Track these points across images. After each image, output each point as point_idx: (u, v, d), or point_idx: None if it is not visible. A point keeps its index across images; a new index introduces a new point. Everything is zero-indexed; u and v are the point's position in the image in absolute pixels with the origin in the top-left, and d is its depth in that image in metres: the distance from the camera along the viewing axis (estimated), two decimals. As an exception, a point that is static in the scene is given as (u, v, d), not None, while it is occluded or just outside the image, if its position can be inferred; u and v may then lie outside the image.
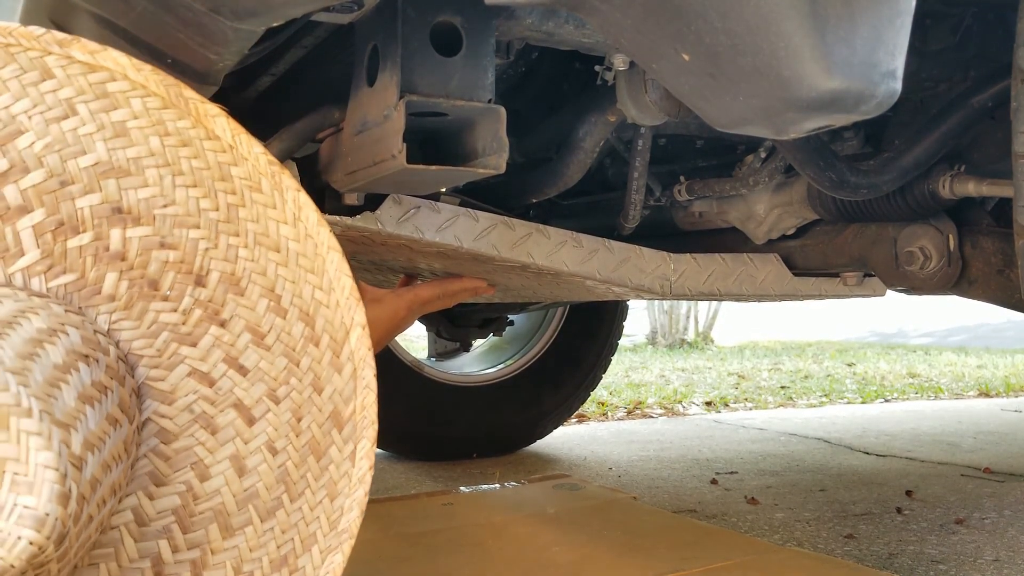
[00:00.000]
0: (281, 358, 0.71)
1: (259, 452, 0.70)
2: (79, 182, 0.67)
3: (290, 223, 0.71)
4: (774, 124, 0.63)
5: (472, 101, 0.86)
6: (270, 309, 0.71)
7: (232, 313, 0.70)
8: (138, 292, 0.68)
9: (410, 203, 1.11)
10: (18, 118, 0.66)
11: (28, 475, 0.54)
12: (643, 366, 6.10)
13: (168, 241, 0.69)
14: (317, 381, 0.71)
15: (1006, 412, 3.68)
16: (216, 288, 0.70)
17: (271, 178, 0.70)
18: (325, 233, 0.71)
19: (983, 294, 1.19)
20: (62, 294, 0.67)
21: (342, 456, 0.71)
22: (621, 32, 0.64)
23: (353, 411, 0.71)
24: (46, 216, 0.66)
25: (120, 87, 0.68)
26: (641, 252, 1.27)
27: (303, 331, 0.71)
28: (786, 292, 1.38)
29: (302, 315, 0.71)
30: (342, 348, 0.71)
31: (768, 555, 1.46)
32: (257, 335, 0.70)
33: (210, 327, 0.70)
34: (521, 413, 2.65)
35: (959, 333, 9.78)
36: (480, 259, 1.19)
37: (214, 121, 0.70)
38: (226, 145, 0.70)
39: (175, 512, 0.68)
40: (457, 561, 1.45)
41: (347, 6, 0.83)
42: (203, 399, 0.69)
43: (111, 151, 0.67)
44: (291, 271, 0.71)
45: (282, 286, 0.71)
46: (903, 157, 1.13)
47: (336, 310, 0.71)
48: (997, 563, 1.58)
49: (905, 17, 0.60)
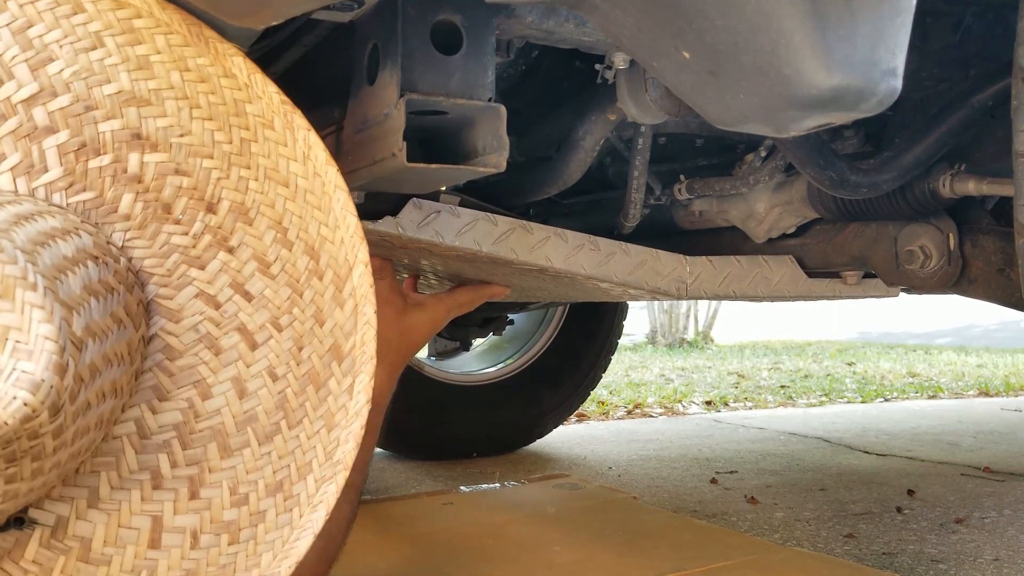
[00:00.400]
0: (285, 288, 0.73)
1: (260, 376, 0.72)
2: (102, 108, 0.70)
3: (299, 160, 0.74)
4: (774, 122, 0.63)
5: (472, 99, 0.86)
6: (276, 240, 0.74)
7: (240, 241, 0.73)
8: (152, 214, 0.71)
9: (430, 208, 1.12)
10: (50, 46, 0.70)
11: (28, 344, 0.56)
12: (643, 365, 6.10)
13: (183, 168, 0.72)
14: (319, 313, 0.74)
15: (1006, 411, 3.68)
16: (226, 216, 0.73)
17: (283, 117, 0.74)
18: (333, 172, 0.74)
19: (983, 293, 1.19)
20: (80, 210, 0.70)
21: (340, 389, 0.73)
22: (621, 30, 0.64)
23: (353, 346, 0.74)
24: (70, 137, 0.70)
25: (145, 23, 0.72)
26: (657, 255, 1.27)
27: (307, 264, 0.74)
28: (800, 293, 1.39)
29: (307, 249, 0.74)
30: (344, 284, 0.74)
31: (768, 555, 1.46)
32: (263, 264, 0.73)
33: (219, 252, 0.72)
34: (521, 412, 2.65)
35: (960, 333, 9.78)
36: (498, 263, 1.19)
37: (231, 60, 0.73)
38: (242, 83, 0.73)
39: (176, 428, 0.70)
40: (457, 561, 1.45)
41: (347, 5, 0.83)
42: (208, 320, 0.72)
43: (134, 81, 0.71)
44: (298, 206, 0.74)
45: (289, 219, 0.74)
46: (903, 156, 1.12)
47: (340, 247, 0.74)
48: (997, 562, 1.58)
49: (906, 15, 0.60)
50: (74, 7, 0.71)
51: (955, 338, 9.27)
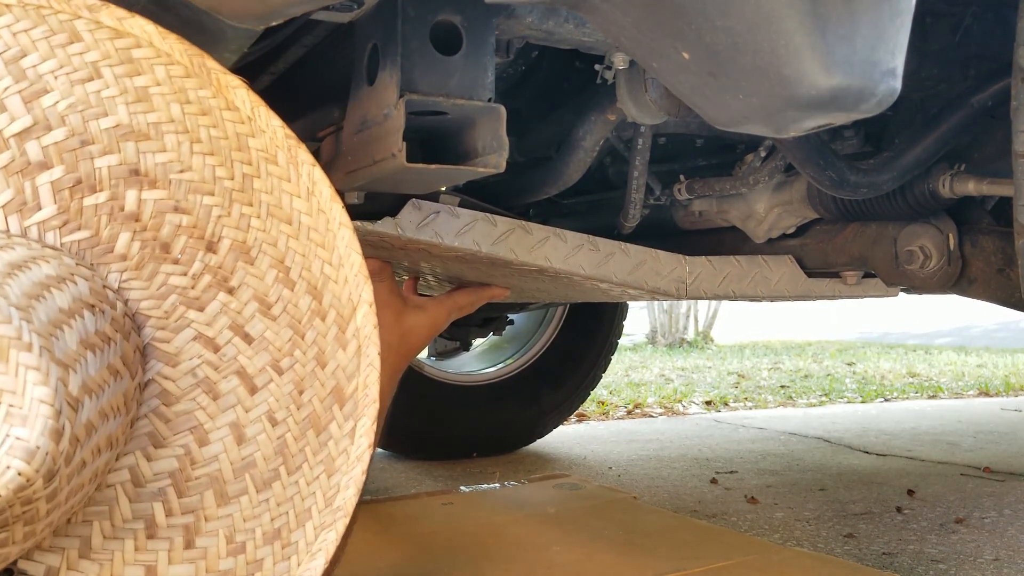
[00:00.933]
0: (287, 329, 0.71)
1: (259, 421, 0.70)
2: (99, 142, 0.68)
3: (303, 197, 0.72)
4: (774, 122, 0.63)
5: (472, 100, 0.86)
6: (278, 280, 0.72)
7: (241, 281, 0.71)
8: (150, 253, 0.69)
9: (430, 208, 1.12)
10: (44, 77, 0.67)
11: (23, 408, 0.54)
12: (643, 365, 6.10)
13: (182, 206, 0.70)
14: (321, 355, 0.72)
15: (1006, 411, 3.68)
16: (227, 255, 0.71)
17: (287, 151, 0.72)
18: (337, 209, 0.72)
19: (983, 293, 1.19)
20: (75, 250, 0.68)
21: (342, 433, 0.71)
22: (621, 31, 0.64)
23: (356, 388, 0.72)
24: (65, 173, 0.67)
25: (145, 54, 0.70)
26: (657, 255, 1.27)
27: (310, 304, 0.72)
28: (800, 293, 1.39)
29: (310, 288, 0.72)
30: (348, 324, 0.72)
31: (769, 555, 1.46)
32: (264, 305, 0.71)
33: (218, 293, 0.70)
34: (521, 412, 2.66)
35: (960, 333, 9.78)
36: (498, 263, 1.19)
37: (234, 92, 0.71)
38: (245, 116, 0.71)
39: (172, 475, 0.68)
40: (457, 561, 1.45)
41: (347, 5, 0.83)
42: (207, 364, 0.70)
43: (132, 115, 0.69)
44: (302, 244, 0.72)
45: (292, 258, 0.72)
46: (903, 156, 1.13)
47: (344, 286, 0.72)
48: (997, 562, 1.58)
49: (905, 16, 0.60)
50: (70, 36, 0.68)
51: (955, 338, 9.27)
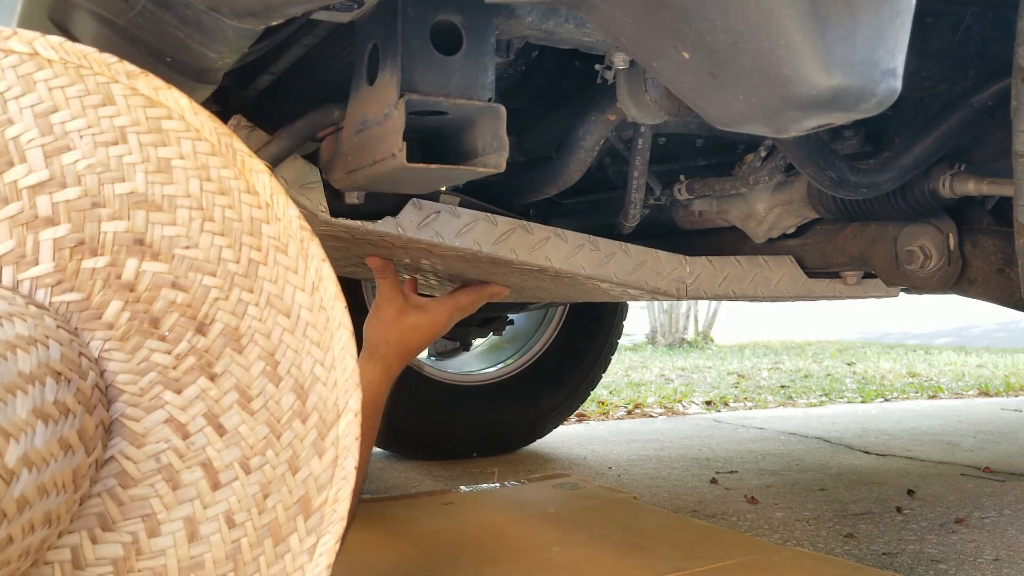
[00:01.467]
0: (263, 426, 0.68)
1: (216, 520, 0.66)
2: (110, 207, 0.67)
3: (307, 291, 0.70)
4: (774, 122, 0.63)
5: (472, 100, 0.86)
6: (265, 373, 0.69)
7: (225, 368, 0.68)
8: (137, 326, 0.67)
9: (430, 208, 1.12)
10: (70, 135, 0.67)
11: None
12: (643, 365, 6.10)
13: (180, 282, 0.68)
14: (295, 460, 0.68)
15: (1006, 411, 3.68)
16: (216, 339, 0.68)
17: (299, 242, 0.70)
18: (340, 308, 0.69)
19: (983, 293, 1.19)
20: (63, 311, 0.66)
21: (301, 548, 0.67)
22: (621, 30, 0.64)
23: (325, 501, 0.68)
24: (69, 232, 0.66)
25: (174, 126, 0.69)
26: (657, 255, 1.27)
27: (293, 404, 0.69)
28: (800, 294, 1.39)
29: (296, 387, 0.69)
30: (329, 431, 0.69)
31: (769, 554, 1.46)
32: (245, 397, 0.68)
33: (199, 377, 0.67)
34: (521, 412, 2.66)
35: (960, 333, 9.78)
36: (498, 263, 1.19)
37: (257, 176, 0.70)
38: (263, 202, 0.70)
39: (114, 563, 0.65)
40: (457, 561, 1.45)
41: (347, 5, 0.83)
42: (173, 450, 0.66)
43: (149, 184, 0.68)
44: (296, 339, 0.69)
45: (283, 352, 0.69)
46: (903, 156, 1.13)
47: (332, 389, 0.69)
48: (997, 562, 1.58)
49: (905, 16, 0.60)
50: (104, 98, 0.68)
51: (955, 338, 9.27)
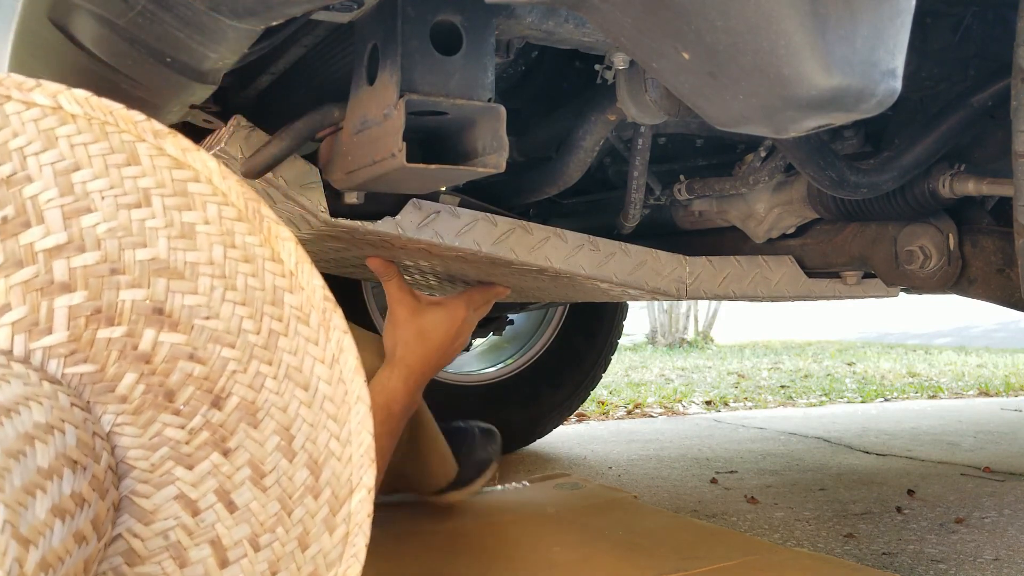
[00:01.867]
0: (275, 503, 0.66)
1: None
2: (130, 274, 0.65)
3: (327, 364, 0.67)
4: (774, 123, 0.63)
5: (472, 100, 0.86)
6: (279, 448, 0.67)
7: (239, 444, 0.66)
8: (152, 400, 0.64)
9: (430, 208, 1.12)
10: (91, 195, 0.64)
11: None
12: (643, 365, 6.10)
13: (199, 355, 0.65)
14: (305, 537, 0.66)
15: (1006, 411, 3.68)
16: (231, 414, 0.66)
17: (322, 313, 0.67)
18: (359, 382, 0.67)
19: (983, 293, 1.19)
20: (75, 383, 0.63)
21: None
22: (621, 31, 0.64)
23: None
24: (86, 300, 0.63)
25: (201, 189, 0.66)
26: (657, 255, 1.27)
27: (306, 479, 0.67)
28: (800, 293, 1.39)
29: (310, 462, 0.67)
30: (341, 507, 0.67)
31: (769, 554, 1.46)
32: (258, 473, 0.66)
33: (212, 453, 0.65)
34: (521, 412, 2.65)
35: (960, 333, 9.78)
36: (498, 263, 1.19)
37: (283, 244, 0.67)
38: (287, 270, 0.67)
39: None
40: (457, 561, 1.45)
41: (346, 5, 0.83)
42: (181, 527, 0.64)
43: (172, 250, 0.65)
44: (313, 413, 0.67)
45: (299, 427, 0.67)
46: (903, 156, 1.13)
47: (347, 465, 0.67)
48: (997, 562, 1.58)
49: (905, 16, 0.60)
50: (129, 158, 0.65)
51: (955, 338, 9.27)
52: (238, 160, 1.03)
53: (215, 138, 1.07)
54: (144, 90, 0.91)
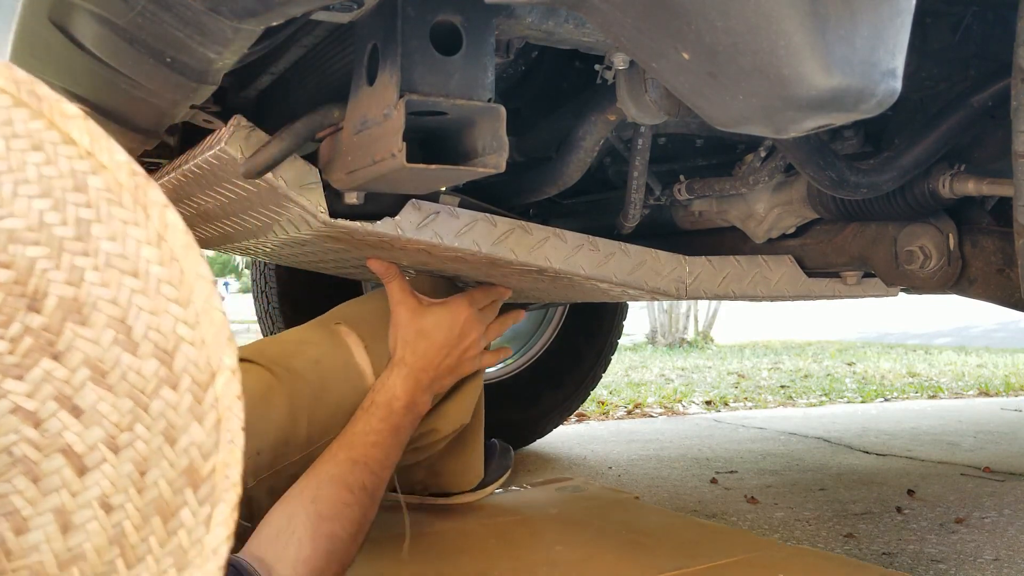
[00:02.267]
0: (126, 400, 0.61)
1: (89, 507, 0.60)
2: None
3: (154, 244, 0.62)
4: (774, 123, 0.63)
5: (472, 100, 0.86)
6: (117, 343, 0.62)
7: (69, 344, 0.61)
8: None
9: (429, 208, 1.12)
10: None
11: None
12: (643, 365, 6.11)
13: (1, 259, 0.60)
14: (171, 430, 0.62)
15: (1006, 411, 3.68)
16: (53, 315, 0.61)
17: (134, 191, 0.61)
18: (194, 257, 0.62)
19: (983, 293, 1.19)
20: None
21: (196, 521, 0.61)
22: (621, 31, 0.64)
23: (213, 469, 0.62)
24: None
25: None
26: (657, 255, 1.27)
27: (157, 370, 0.62)
28: (800, 293, 1.39)
29: (158, 352, 0.62)
30: (205, 393, 0.62)
31: (771, 552, 1.46)
32: (98, 372, 0.61)
33: (41, 359, 0.61)
34: (521, 412, 2.65)
35: (960, 333, 9.78)
36: (498, 263, 1.19)
37: (72, 123, 0.61)
38: (84, 151, 0.61)
39: None
40: (459, 561, 1.45)
41: (346, 5, 0.83)
42: (26, 441, 0.60)
43: None
44: (151, 300, 0.62)
45: (136, 317, 0.62)
46: (903, 156, 1.13)
47: (202, 349, 0.62)
48: (997, 562, 1.58)
49: (905, 16, 0.60)
50: None
51: (955, 338, 9.27)
52: (238, 160, 1.03)
53: (215, 138, 1.07)
54: (144, 90, 0.91)
